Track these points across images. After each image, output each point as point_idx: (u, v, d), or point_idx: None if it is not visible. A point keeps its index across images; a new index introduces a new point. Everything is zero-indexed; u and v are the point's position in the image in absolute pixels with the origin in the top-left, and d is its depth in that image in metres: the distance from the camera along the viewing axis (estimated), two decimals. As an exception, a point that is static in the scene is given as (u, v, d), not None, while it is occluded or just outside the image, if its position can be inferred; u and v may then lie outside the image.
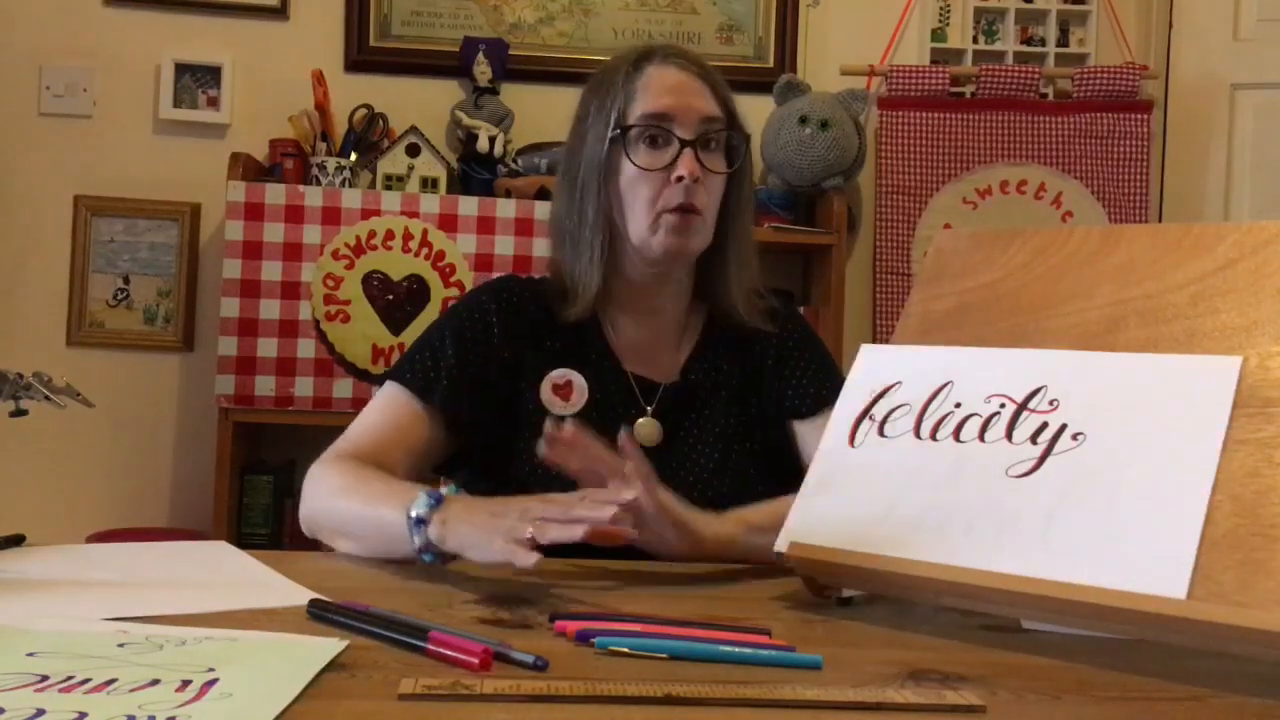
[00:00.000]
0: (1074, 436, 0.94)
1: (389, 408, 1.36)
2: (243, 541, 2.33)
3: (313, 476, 1.29)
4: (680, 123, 1.33)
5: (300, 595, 0.97)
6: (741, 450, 1.40)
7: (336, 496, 1.24)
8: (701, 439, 1.39)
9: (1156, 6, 3.03)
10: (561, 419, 1.32)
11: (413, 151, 2.76)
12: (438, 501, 1.09)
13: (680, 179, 1.32)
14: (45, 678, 0.71)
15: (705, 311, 1.46)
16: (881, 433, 1.05)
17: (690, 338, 1.45)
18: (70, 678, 0.71)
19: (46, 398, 1.20)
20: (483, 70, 2.84)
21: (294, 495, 2.73)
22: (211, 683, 0.71)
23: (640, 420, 1.38)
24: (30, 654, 0.76)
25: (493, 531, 1.02)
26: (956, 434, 1.00)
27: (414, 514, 1.08)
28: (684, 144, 1.32)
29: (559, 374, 1.38)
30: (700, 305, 1.46)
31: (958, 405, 1.02)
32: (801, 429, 1.42)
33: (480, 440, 1.38)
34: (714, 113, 1.35)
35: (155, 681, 0.70)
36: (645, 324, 1.43)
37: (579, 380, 1.38)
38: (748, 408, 1.43)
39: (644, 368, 1.41)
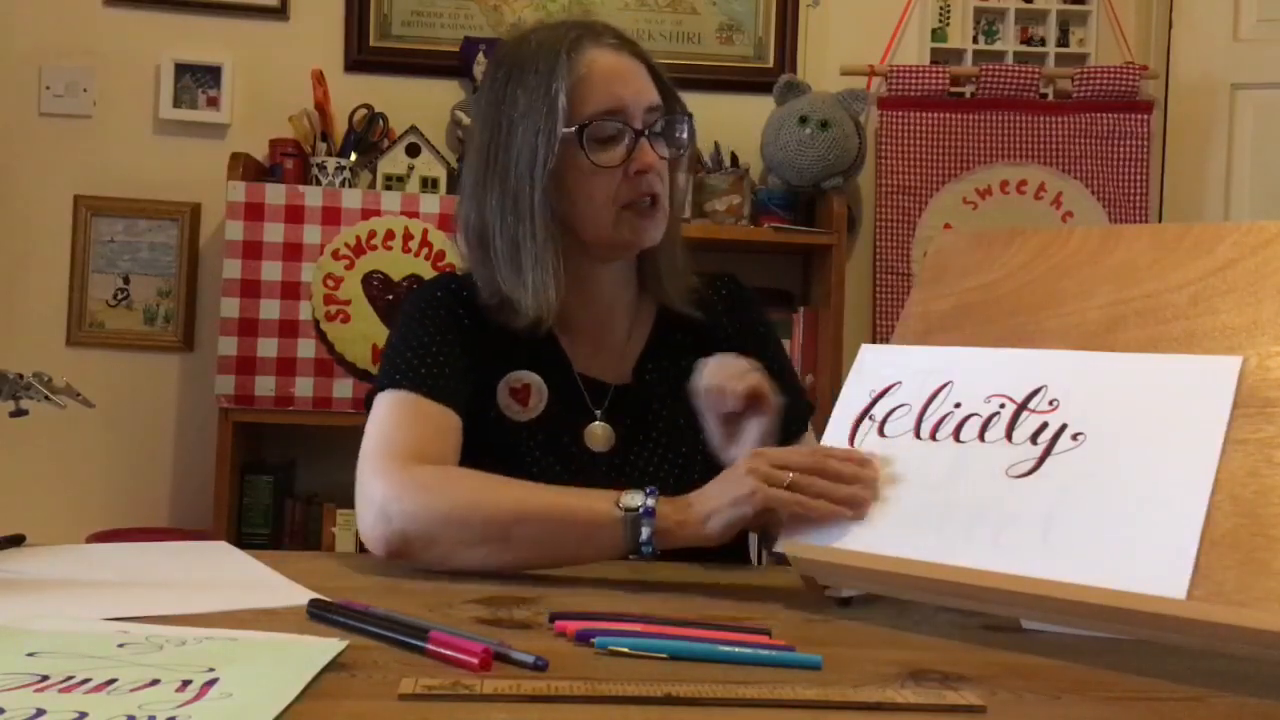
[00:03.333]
0: (1074, 436, 0.94)
1: (411, 412, 1.24)
2: (243, 541, 2.33)
3: (411, 483, 1.14)
4: (630, 114, 1.27)
5: (300, 595, 0.97)
6: (703, 455, 1.31)
7: (478, 495, 1.12)
8: (658, 442, 1.34)
9: (1156, 6, 3.03)
10: (520, 425, 1.31)
11: (413, 151, 2.76)
12: (653, 494, 1.08)
13: (641, 172, 1.26)
14: (45, 678, 0.71)
15: (655, 305, 1.40)
16: (881, 433, 1.05)
17: (640, 334, 1.39)
18: (70, 678, 0.71)
19: (46, 398, 1.20)
20: (483, 70, 2.83)
21: (293, 495, 2.75)
22: (211, 683, 0.71)
23: (591, 424, 1.33)
24: (30, 654, 0.76)
25: (744, 485, 1.04)
26: (956, 434, 1.00)
27: (646, 504, 1.07)
28: (638, 134, 1.26)
29: (516, 377, 1.32)
30: (649, 298, 1.40)
31: (957, 405, 1.02)
32: None
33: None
34: (656, 100, 1.30)
35: (155, 681, 0.70)
36: (592, 317, 1.36)
37: (537, 383, 1.32)
38: None
39: (593, 368, 1.36)
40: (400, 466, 1.16)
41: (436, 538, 1.11)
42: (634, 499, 1.08)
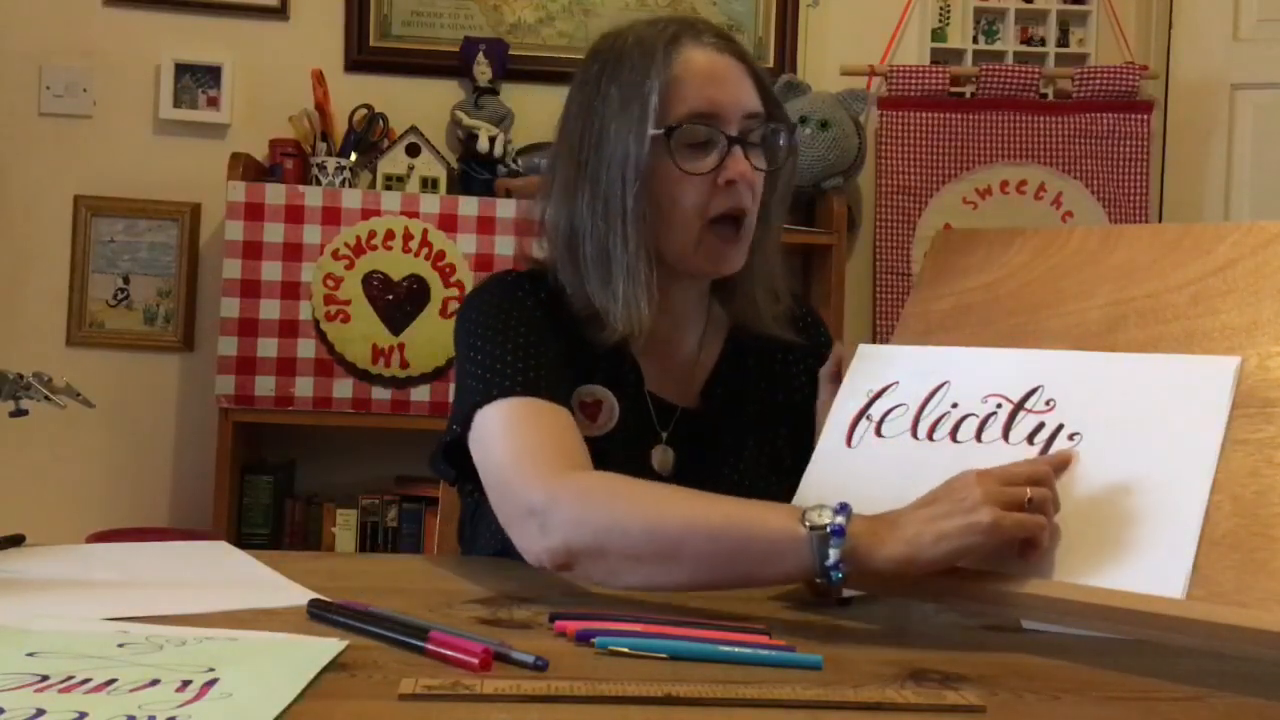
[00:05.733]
0: (1070, 436, 0.94)
1: (537, 418, 1.12)
2: (243, 541, 2.34)
3: (571, 491, 1.03)
4: (725, 119, 1.18)
5: (300, 595, 0.97)
6: (770, 481, 1.26)
7: (645, 504, 1.00)
8: (719, 471, 1.27)
9: (1156, 6, 3.03)
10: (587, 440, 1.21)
11: (413, 151, 2.76)
12: (845, 512, 0.92)
13: (731, 182, 1.18)
14: (45, 678, 0.71)
15: (727, 324, 1.33)
16: (879, 433, 1.05)
17: (711, 353, 1.32)
18: (70, 678, 0.71)
19: (46, 398, 1.20)
20: (483, 70, 2.84)
21: (293, 495, 2.75)
22: (211, 683, 0.71)
23: (656, 447, 1.27)
24: (30, 654, 0.76)
25: (980, 512, 0.87)
26: (953, 434, 1.00)
27: (835, 522, 0.90)
28: (731, 142, 1.18)
29: (588, 391, 1.24)
30: (722, 315, 1.33)
31: (955, 405, 1.02)
32: None
33: None
34: (756, 107, 1.21)
35: (155, 681, 0.71)
36: (665, 332, 1.27)
37: (610, 401, 1.24)
38: (777, 431, 1.32)
39: (662, 387, 1.28)
40: (555, 473, 1.05)
41: (604, 549, 0.99)
42: (822, 515, 0.92)
